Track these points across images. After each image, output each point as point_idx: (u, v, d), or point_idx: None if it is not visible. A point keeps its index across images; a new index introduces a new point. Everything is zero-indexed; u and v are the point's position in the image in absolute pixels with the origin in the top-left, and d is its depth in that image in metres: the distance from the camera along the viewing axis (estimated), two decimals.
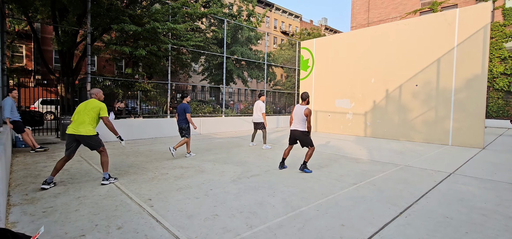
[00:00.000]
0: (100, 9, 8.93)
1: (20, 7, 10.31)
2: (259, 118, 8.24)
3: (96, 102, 4.46)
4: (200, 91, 18.64)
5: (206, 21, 17.88)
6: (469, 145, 8.89)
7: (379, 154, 7.41)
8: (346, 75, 12.35)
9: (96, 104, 4.43)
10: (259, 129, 8.34)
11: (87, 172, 5.07)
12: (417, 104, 10.13)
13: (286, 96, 18.75)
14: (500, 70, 19.06)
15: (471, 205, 3.64)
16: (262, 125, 8.22)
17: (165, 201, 3.61)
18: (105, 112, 4.44)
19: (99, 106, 4.42)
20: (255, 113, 8.33)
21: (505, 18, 18.95)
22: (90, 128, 4.30)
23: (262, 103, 8.29)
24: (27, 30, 20.91)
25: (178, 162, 6.03)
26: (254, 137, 8.75)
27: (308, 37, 28.61)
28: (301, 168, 5.22)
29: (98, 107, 4.40)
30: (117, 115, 10.12)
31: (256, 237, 2.69)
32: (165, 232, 2.75)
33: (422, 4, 22.62)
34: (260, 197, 3.80)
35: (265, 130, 8.24)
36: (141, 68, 13.83)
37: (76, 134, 4.23)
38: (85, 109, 4.35)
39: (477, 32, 8.80)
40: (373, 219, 3.14)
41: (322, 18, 55.96)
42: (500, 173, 5.40)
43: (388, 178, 4.95)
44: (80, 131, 4.23)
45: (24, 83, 17.23)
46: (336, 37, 13.27)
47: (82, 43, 13.14)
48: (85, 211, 3.25)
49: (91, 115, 4.33)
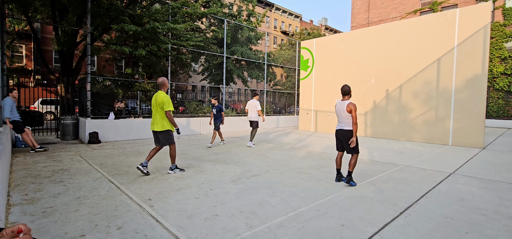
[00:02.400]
0: (100, 9, 8.93)
1: (20, 7, 10.32)
2: (255, 117, 8.48)
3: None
4: (200, 91, 18.63)
5: (206, 21, 17.87)
6: (469, 145, 8.89)
7: (379, 154, 7.40)
8: (346, 75, 12.34)
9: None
10: (254, 127, 8.57)
11: (87, 172, 5.07)
12: (417, 104, 10.13)
13: (286, 96, 18.74)
14: (500, 70, 19.05)
15: (471, 205, 3.64)
16: (256, 124, 8.47)
17: (165, 201, 3.61)
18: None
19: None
20: (251, 112, 8.51)
21: (505, 18, 18.95)
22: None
23: (257, 101, 8.54)
24: (27, 30, 20.91)
25: (178, 162, 6.03)
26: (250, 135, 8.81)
27: (308, 37, 28.61)
28: (347, 180, 4.37)
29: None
30: (117, 115, 10.12)
31: (256, 237, 2.69)
32: (165, 232, 2.75)
33: (422, 4, 22.61)
34: (260, 197, 3.79)
35: (257, 128, 8.51)
36: (141, 68, 13.83)
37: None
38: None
39: (477, 32, 8.80)
40: (373, 219, 3.14)
41: (322, 18, 55.97)
42: (500, 173, 5.39)
43: (388, 178, 4.94)
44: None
45: (24, 83, 17.23)
46: (336, 37, 13.27)
47: (82, 43, 13.14)
48: (85, 211, 3.25)
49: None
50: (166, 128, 4.90)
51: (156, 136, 4.99)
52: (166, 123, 4.90)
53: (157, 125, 4.87)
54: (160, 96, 4.82)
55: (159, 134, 4.92)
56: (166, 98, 4.82)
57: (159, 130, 4.87)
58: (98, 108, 10.14)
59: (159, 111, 4.85)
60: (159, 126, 4.87)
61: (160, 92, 4.91)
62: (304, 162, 6.16)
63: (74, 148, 7.75)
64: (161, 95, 4.82)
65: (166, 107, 4.80)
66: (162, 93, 4.85)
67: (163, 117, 4.86)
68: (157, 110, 4.86)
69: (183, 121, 11.32)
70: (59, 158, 6.29)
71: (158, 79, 4.94)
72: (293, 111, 18.63)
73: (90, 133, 8.57)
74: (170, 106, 4.82)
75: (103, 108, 10.46)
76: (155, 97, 4.89)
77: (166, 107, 4.80)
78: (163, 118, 4.87)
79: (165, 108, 4.80)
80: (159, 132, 4.90)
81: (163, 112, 4.84)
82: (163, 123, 4.87)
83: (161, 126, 4.87)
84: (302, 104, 14.42)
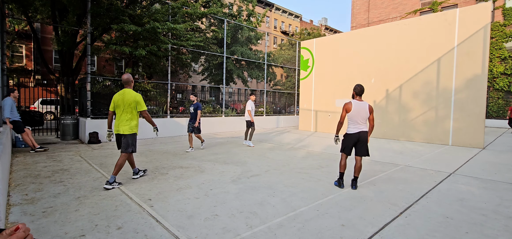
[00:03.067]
0: (100, 9, 8.93)
1: (20, 7, 10.31)
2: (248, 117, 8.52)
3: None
4: (200, 91, 18.63)
5: (206, 21, 17.88)
6: (469, 145, 8.89)
7: (379, 154, 7.40)
8: (346, 75, 12.35)
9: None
10: (248, 126, 8.57)
11: (87, 172, 5.07)
12: (417, 104, 10.13)
13: (286, 96, 18.75)
14: (500, 70, 19.05)
15: (471, 205, 3.64)
16: (249, 123, 8.50)
17: (165, 201, 3.61)
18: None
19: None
20: (247, 112, 8.57)
21: (505, 18, 18.95)
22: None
23: (251, 102, 8.56)
24: (27, 30, 20.91)
25: (178, 162, 6.03)
26: (248, 135, 8.75)
27: (308, 37, 28.61)
28: (355, 185, 4.25)
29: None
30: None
31: (256, 237, 2.69)
32: (165, 232, 2.75)
33: (422, 4, 22.61)
34: (260, 197, 3.79)
35: (253, 127, 8.50)
36: (141, 68, 13.83)
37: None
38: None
39: (477, 32, 8.80)
40: (373, 219, 3.14)
41: (322, 18, 55.95)
42: (500, 173, 5.39)
43: (388, 178, 4.94)
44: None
45: (24, 83, 17.23)
46: (336, 37, 13.27)
47: (82, 43, 13.14)
48: (85, 211, 3.25)
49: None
50: (134, 130, 4.33)
51: (120, 139, 4.36)
52: (134, 124, 4.32)
53: (125, 127, 4.24)
54: (131, 95, 4.25)
55: (125, 137, 4.28)
56: (139, 97, 4.31)
57: (127, 132, 4.25)
58: (98, 108, 10.14)
59: (129, 112, 4.25)
60: (127, 128, 4.24)
61: (128, 90, 4.29)
62: (304, 162, 6.16)
63: (74, 148, 7.75)
64: (132, 94, 4.26)
65: (141, 107, 4.30)
66: (132, 91, 4.29)
67: (132, 119, 4.28)
68: (125, 110, 4.23)
69: (183, 121, 11.33)
70: (59, 158, 6.29)
71: (123, 76, 4.36)
72: (293, 111, 18.63)
73: (90, 133, 8.57)
74: (144, 105, 4.37)
75: (103, 108, 10.45)
76: (121, 95, 4.25)
77: (141, 107, 4.30)
78: (132, 120, 4.28)
79: (141, 108, 4.30)
80: (127, 135, 4.27)
81: (134, 113, 4.28)
82: (132, 124, 4.29)
83: (129, 128, 4.26)
84: (302, 104, 14.42)
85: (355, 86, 4.27)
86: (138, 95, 4.31)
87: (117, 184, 4.21)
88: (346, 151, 4.30)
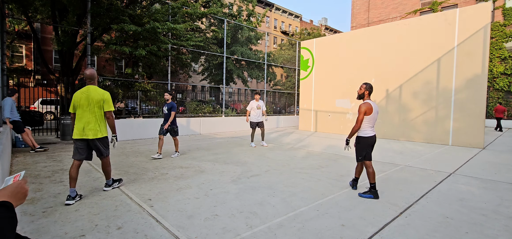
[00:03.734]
0: (100, 9, 8.93)
1: (20, 7, 10.31)
2: (257, 117, 8.40)
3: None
4: (200, 91, 18.64)
5: (206, 21, 17.88)
6: (469, 145, 8.89)
7: (379, 154, 7.40)
8: (346, 75, 12.35)
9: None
10: (260, 127, 8.49)
11: (87, 172, 5.07)
12: (417, 104, 10.13)
13: (286, 96, 18.75)
14: (500, 70, 19.05)
15: (471, 205, 3.64)
16: (260, 124, 8.42)
17: (165, 201, 3.61)
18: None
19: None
20: (261, 112, 8.49)
21: (505, 18, 18.95)
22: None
23: (253, 101, 8.48)
24: (27, 30, 20.91)
25: (178, 162, 6.03)
26: (261, 135, 8.75)
27: (308, 37, 28.61)
28: (356, 186, 4.19)
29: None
30: (117, 115, 10.12)
31: (256, 237, 2.69)
32: (165, 232, 2.75)
33: (422, 4, 22.61)
34: (260, 197, 3.79)
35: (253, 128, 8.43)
36: (141, 68, 13.82)
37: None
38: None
39: (477, 32, 8.80)
40: (373, 219, 3.14)
41: (322, 18, 55.96)
42: (500, 173, 5.39)
43: (388, 178, 4.94)
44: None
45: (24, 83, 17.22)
46: (336, 37, 13.27)
47: (82, 43, 13.13)
48: (85, 211, 3.25)
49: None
50: (104, 133, 3.78)
51: (87, 145, 3.73)
52: (103, 126, 3.76)
53: (91, 130, 3.65)
54: (98, 93, 3.68)
55: (95, 143, 3.72)
56: (108, 95, 3.76)
57: (96, 136, 3.68)
58: None
59: (95, 112, 3.66)
60: (94, 131, 3.67)
61: (93, 87, 3.70)
62: (304, 162, 6.16)
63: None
64: (99, 91, 3.71)
65: (108, 107, 3.74)
66: (98, 89, 3.75)
67: (99, 120, 3.71)
68: (90, 110, 3.64)
69: (183, 121, 11.33)
70: (59, 158, 6.29)
71: (85, 71, 3.74)
72: (293, 111, 18.63)
73: None
74: (112, 105, 3.83)
75: None
76: (85, 93, 3.65)
77: (108, 107, 3.74)
78: (100, 121, 3.71)
79: (107, 108, 3.74)
80: (97, 140, 3.71)
81: (101, 114, 3.72)
82: (100, 127, 3.72)
83: (95, 132, 3.67)
84: (302, 104, 14.42)
85: (368, 85, 3.94)
86: (106, 93, 3.77)
87: (117, 183, 4.09)
88: (368, 156, 3.88)
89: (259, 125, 8.44)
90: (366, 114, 3.83)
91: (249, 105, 8.51)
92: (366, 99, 3.94)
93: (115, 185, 4.02)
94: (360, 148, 3.95)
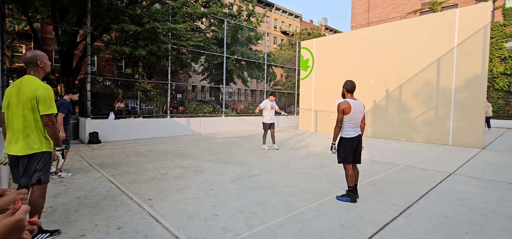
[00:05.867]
0: (100, 9, 8.93)
1: (20, 7, 10.32)
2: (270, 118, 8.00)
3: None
4: (200, 91, 18.63)
5: (206, 21, 17.88)
6: (469, 145, 8.89)
7: (379, 154, 7.40)
8: (346, 75, 12.32)
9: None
10: (271, 128, 8.04)
11: (87, 172, 5.07)
12: (417, 104, 10.13)
13: (286, 96, 18.74)
14: (500, 70, 19.05)
15: (471, 205, 3.64)
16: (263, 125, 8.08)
17: (165, 201, 3.61)
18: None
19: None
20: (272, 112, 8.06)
21: (505, 18, 18.94)
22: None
23: (267, 101, 8.06)
24: (27, 30, 20.90)
25: (178, 162, 6.03)
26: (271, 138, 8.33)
27: (308, 37, 28.61)
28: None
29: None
30: (117, 115, 10.12)
31: (256, 237, 2.69)
32: (165, 232, 2.75)
33: (422, 4, 22.61)
34: (260, 197, 3.79)
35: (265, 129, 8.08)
36: (141, 68, 13.83)
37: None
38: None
39: (477, 32, 8.80)
40: (373, 219, 3.14)
41: (322, 18, 55.95)
42: (500, 173, 5.39)
43: (388, 178, 4.94)
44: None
45: None
46: (336, 37, 13.27)
47: (82, 43, 13.14)
48: (85, 211, 3.25)
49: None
50: (39, 147, 2.44)
51: (16, 164, 2.46)
52: (37, 137, 2.43)
53: (19, 142, 2.38)
54: (30, 87, 2.37)
55: (24, 161, 2.41)
56: (44, 90, 2.39)
57: (26, 152, 2.39)
58: (98, 108, 10.14)
59: (24, 116, 2.38)
60: (23, 144, 2.38)
61: (28, 78, 2.40)
62: (304, 162, 6.16)
63: (74, 147, 7.75)
64: (32, 85, 2.38)
65: (45, 109, 2.40)
66: (34, 80, 2.41)
67: (30, 129, 2.40)
68: (18, 113, 2.37)
69: (183, 121, 11.33)
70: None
71: (24, 54, 2.42)
72: (293, 111, 18.63)
73: (90, 133, 8.57)
74: (53, 107, 2.45)
75: (103, 108, 10.46)
76: (16, 87, 2.39)
77: (45, 109, 2.40)
78: (30, 130, 2.40)
79: (44, 111, 2.40)
80: (25, 157, 2.40)
81: (32, 118, 2.41)
82: (32, 138, 2.42)
83: (23, 146, 2.38)
84: (302, 104, 14.42)
85: (346, 82, 3.72)
86: (44, 87, 2.41)
87: (46, 235, 2.56)
88: (347, 159, 3.64)
89: (271, 126, 8.03)
90: (345, 114, 3.62)
91: (263, 103, 8.02)
92: (347, 98, 3.74)
93: (44, 236, 2.54)
94: (340, 150, 3.70)
